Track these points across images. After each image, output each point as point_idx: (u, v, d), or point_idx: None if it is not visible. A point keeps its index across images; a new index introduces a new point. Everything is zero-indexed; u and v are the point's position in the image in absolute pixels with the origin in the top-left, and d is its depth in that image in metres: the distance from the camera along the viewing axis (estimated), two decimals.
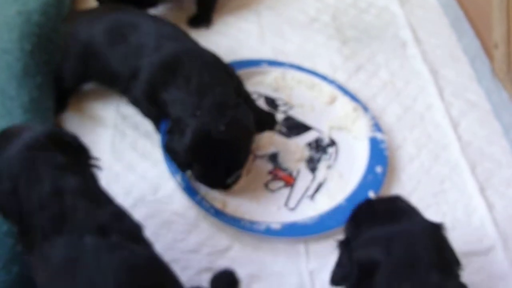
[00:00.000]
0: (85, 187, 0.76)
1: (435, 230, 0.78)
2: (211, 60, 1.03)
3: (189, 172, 1.02)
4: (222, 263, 0.92)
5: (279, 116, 1.13)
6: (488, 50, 1.23)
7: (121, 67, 1.04)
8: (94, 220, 0.72)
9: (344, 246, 0.80)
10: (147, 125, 1.10)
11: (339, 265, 0.79)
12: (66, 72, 1.10)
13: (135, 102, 1.06)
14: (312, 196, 1.03)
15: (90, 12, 1.17)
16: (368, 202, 0.85)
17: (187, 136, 0.93)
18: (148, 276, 0.72)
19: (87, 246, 0.70)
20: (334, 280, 0.79)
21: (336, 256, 0.81)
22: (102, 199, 0.78)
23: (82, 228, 0.71)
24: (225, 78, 1.02)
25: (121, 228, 0.74)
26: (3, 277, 0.79)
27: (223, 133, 0.93)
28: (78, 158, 0.80)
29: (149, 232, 0.94)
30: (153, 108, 1.03)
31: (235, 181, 1.00)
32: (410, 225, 0.77)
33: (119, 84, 1.07)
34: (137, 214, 0.96)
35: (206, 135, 0.93)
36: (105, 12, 1.12)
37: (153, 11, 1.25)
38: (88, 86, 1.16)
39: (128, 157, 1.05)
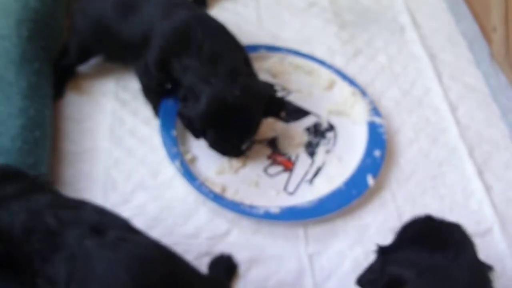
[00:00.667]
0: (54, 199, 0.74)
1: (481, 272, 0.74)
2: (222, 29, 1.03)
3: (189, 155, 1.02)
4: (221, 247, 0.93)
5: None
6: (486, 33, 1.23)
7: (132, 37, 1.04)
8: (83, 224, 0.70)
9: (382, 253, 0.77)
10: (146, 111, 1.11)
11: (370, 270, 0.78)
12: (73, 47, 1.11)
13: (144, 72, 1.05)
14: (311, 180, 1.03)
15: None
16: (427, 220, 0.80)
17: (202, 103, 0.93)
18: (161, 264, 0.70)
19: (89, 250, 0.67)
20: (361, 281, 0.78)
21: (372, 260, 0.79)
22: (76, 203, 0.76)
23: (76, 236, 0.68)
24: (235, 46, 1.02)
25: (113, 223, 0.72)
26: None
27: (238, 99, 0.93)
28: (27, 181, 0.76)
29: (149, 217, 0.96)
30: (163, 76, 1.02)
31: (248, 148, 1.01)
32: (456, 263, 0.72)
33: (129, 54, 1.08)
34: (137, 199, 0.98)
35: (222, 101, 0.93)
36: None
37: None
38: (87, 71, 1.16)
39: (127, 142, 1.06)
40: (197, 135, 1.01)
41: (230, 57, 0.98)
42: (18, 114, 0.93)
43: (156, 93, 1.08)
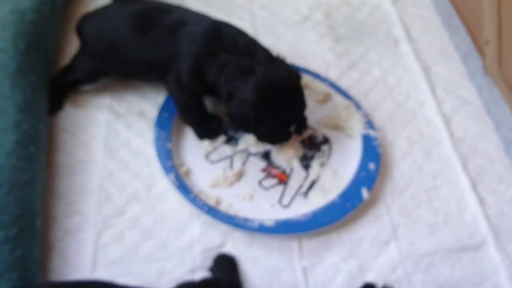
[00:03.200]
0: None
1: None
2: (240, 29, 1.05)
3: (184, 168, 1.02)
4: None
5: None
6: (479, 47, 1.24)
7: (155, 51, 1.03)
8: None
9: None
10: (140, 123, 1.11)
11: None
12: (84, 67, 1.10)
13: (177, 86, 1.03)
14: (305, 193, 1.03)
15: (107, 9, 1.13)
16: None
17: (251, 93, 0.93)
18: None
19: None
20: None
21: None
22: None
23: None
24: (257, 41, 1.04)
25: None
26: (5, 285, 0.79)
27: (287, 80, 0.95)
28: None
29: (143, 230, 0.96)
30: (198, 84, 1.01)
31: (293, 131, 1.04)
32: None
33: (151, 71, 1.07)
34: (131, 211, 0.98)
35: (273, 84, 0.94)
36: (124, 6, 1.10)
37: None
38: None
39: (122, 155, 1.06)
40: (250, 129, 1.02)
41: (263, 47, 1.00)
42: (13, 129, 0.92)
43: (194, 109, 1.06)
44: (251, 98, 0.94)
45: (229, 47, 0.98)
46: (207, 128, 1.07)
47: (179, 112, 1.07)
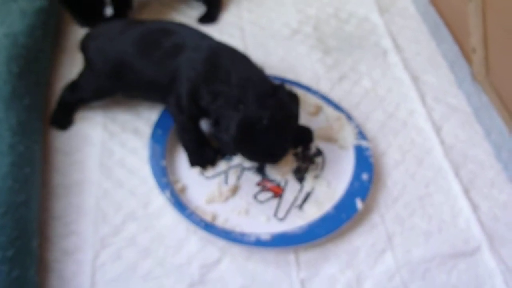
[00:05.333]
0: None
1: None
2: (246, 58, 1.05)
3: (179, 185, 1.03)
4: (213, 276, 0.94)
5: None
6: (467, 54, 1.26)
7: (158, 74, 1.05)
8: None
9: None
10: (134, 141, 1.12)
11: None
12: (89, 87, 1.12)
13: (177, 107, 1.05)
14: (300, 206, 1.04)
15: (111, 28, 1.14)
16: None
17: (232, 128, 0.95)
18: None
19: None
20: None
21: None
22: None
23: None
24: (261, 74, 1.04)
25: None
26: None
27: (267, 123, 0.95)
28: None
29: (140, 248, 0.96)
30: (194, 107, 1.03)
31: (282, 156, 1.04)
32: None
33: (155, 92, 1.09)
34: (127, 230, 0.98)
35: (250, 126, 0.95)
36: (128, 26, 1.11)
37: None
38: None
39: (117, 174, 1.06)
40: (232, 154, 1.07)
41: (258, 83, 1.00)
42: (8, 151, 0.93)
43: (192, 133, 1.07)
44: (231, 133, 0.96)
45: (223, 77, 0.99)
46: (201, 156, 1.08)
47: (178, 134, 1.09)
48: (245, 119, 0.95)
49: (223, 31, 1.38)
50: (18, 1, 1.18)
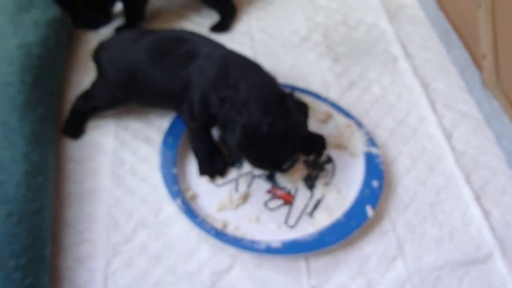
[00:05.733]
0: None
1: None
2: (256, 65, 1.06)
3: (190, 192, 1.04)
4: (224, 283, 0.94)
5: None
6: (477, 60, 1.26)
7: (170, 82, 1.07)
8: None
9: None
10: (145, 150, 1.13)
11: None
12: (103, 96, 1.14)
13: (190, 114, 1.06)
14: (311, 213, 1.04)
15: (124, 38, 1.17)
16: None
17: (236, 133, 0.96)
18: None
19: None
20: None
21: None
22: None
23: None
24: (270, 82, 1.05)
25: None
26: None
27: (268, 131, 0.95)
28: None
29: (151, 255, 0.97)
30: (205, 114, 1.04)
31: (290, 166, 1.05)
32: None
33: (170, 100, 1.10)
34: (139, 238, 0.99)
35: (253, 133, 0.96)
36: (141, 36, 1.13)
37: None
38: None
39: (128, 182, 1.07)
40: (238, 158, 1.08)
41: (264, 90, 1.01)
42: (22, 160, 0.95)
43: (204, 141, 1.08)
44: (235, 138, 0.97)
45: (232, 84, 1.00)
46: (211, 166, 1.08)
47: (190, 142, 1.10)
48: (248, 124, 0.95)
49: (233, 39, 1.39)
50: (31, 12, 1.20)
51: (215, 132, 1.11)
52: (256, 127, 0.95)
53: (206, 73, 1.03)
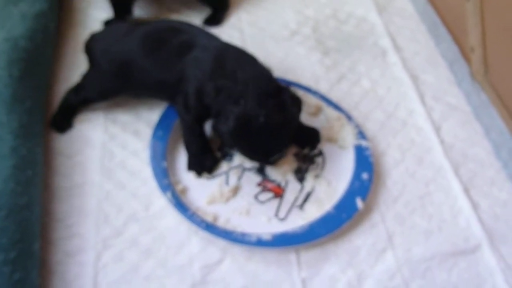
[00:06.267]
0: None
1: None
2: (252, 58, 1.06)
3: (180, 186, 1.04)
4: (214, 276, 0.94)
5: None
6: (465, 53, 1.27)
7: (165, 73, 1.06)
8: None
9: None
10: (135, 143, 1.12)
11: None
12: (95, 88, 1.13)
13: (184, 107, 1.05)
14: (301, 206, 1.05)
15: (116, 29, 1.16)
16: None
17: (230, 122, 0.96)
18: None
19: None
20: None
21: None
22: None
23: None
24: (266, 74, 1.04)
25: None
26: None
27: (264, 120, 0.96)
28: None
29: (142, 249, 0.97)
30: (200, 106, 1.03)
31: (278, 159, 1.05)
32: None
33: (165, 91, 1.10)
34: (129, 231, 0.99)
35: (247, 121, 0.96)
36: (133, 27, 1.12)
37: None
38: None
39: (118, 175, 1.07)
40: (230, 146, 1.08)
41: (262, 82, 1.01)
42: (10, 154, 0.94)
43: (197, 135, 1.08)
44: (228, 126, 0.96)
45: (229, 75, 1.00)
46: (200, 162, 1.07)
47: (183, 134, 1.09)
48: (243, 114, 0.96)
49: (223, 33, 1.38)
50: (18, 5, 1.19)
51: (208, 127, 1.11)
52: (252, 117, 0.95)
53: (202, 65, 1.02)
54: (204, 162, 1.08)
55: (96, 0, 1.46)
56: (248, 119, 0.95)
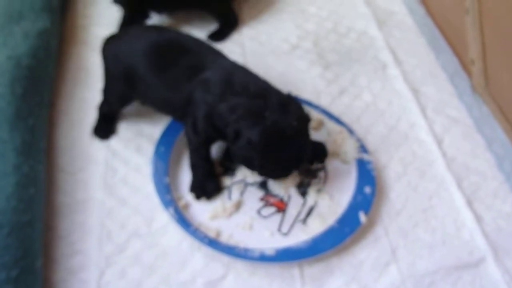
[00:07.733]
0: None
1: None
2: (254, 74, 1.06)
3: (182, 201, 1.04)
4: None
5: None
6: (466, 66, 1.27)
7: (172, 95, 1.05)
8: None
9: None
10: (137, 159, 1.12)
11: None
12: (112, 95, 1.14)
13: (193, 130, 1.04)
14: (304, 220, 1.04)
15: (127, 33, 1.15)
16: None
17: (256, 136, 0.94)
18: None
19: None
20: None
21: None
22: None
23: None
24: (270, 84, 1.04)
25: None
26: None
27: (294, 129, 0.95)
28: None
29: (144, 265, 0.96)
30: (210, 129, 1.02)
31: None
32: None
33: (172, 111, 1.10)
34: (132, 248, 0.99)
35: (279, 132, 0.95)
36: (144, 33, 1.11)
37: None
38: (78, 122, 1.18)
39: (120, 192, 1.07)
40: (254, 168, 1.01)
41: (277, 92, 1.01)
42: (13, 172, 0.94)
43: (203, 159, 1.06)
44: (257, 140, 0.94)
45: (240, 91, 0.99)
46: (203, 187, 1.06)
47: (190, 156, 1.07)
48: (272, 126, 0.95)
49: (224, 47, 1.39)
50: (21, 23, 1.20)
51: (214, 150, 1.10)
52: (282, 128, 0.95)
53: (211, 87, 1.01)
54: (206, 188, 1.06)
55: (98, 18, 1.47)
56: (280, 129, 0.95)
